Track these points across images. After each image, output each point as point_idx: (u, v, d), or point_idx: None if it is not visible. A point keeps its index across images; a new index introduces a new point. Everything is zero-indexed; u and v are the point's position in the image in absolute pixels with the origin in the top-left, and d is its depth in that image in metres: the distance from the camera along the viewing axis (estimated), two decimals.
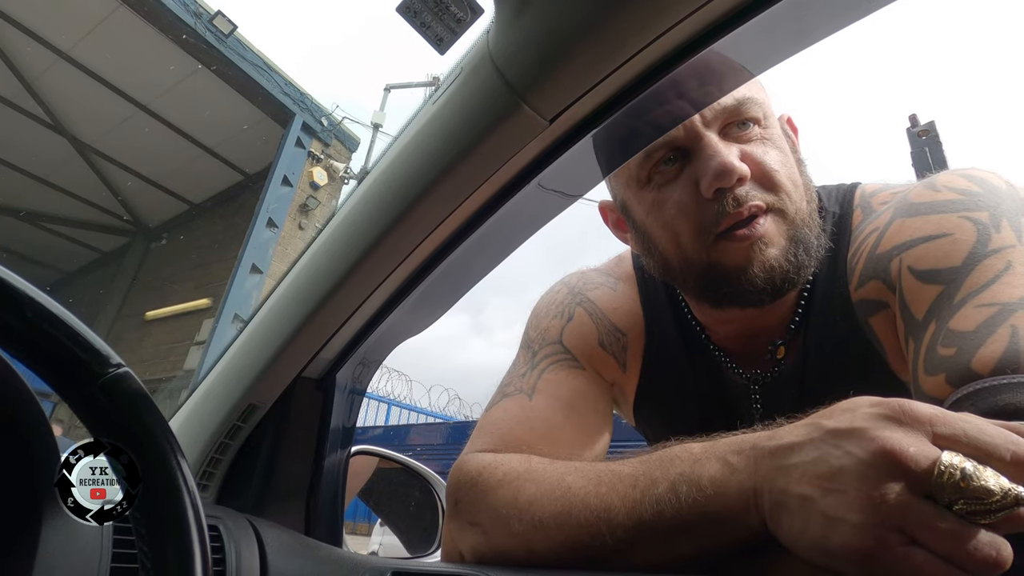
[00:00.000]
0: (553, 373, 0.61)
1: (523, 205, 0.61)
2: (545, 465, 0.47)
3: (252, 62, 6.24)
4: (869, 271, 0.53)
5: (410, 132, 0.55)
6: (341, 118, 7.08)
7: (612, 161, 0.55)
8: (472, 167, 0.51)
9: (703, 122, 0.53)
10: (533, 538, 0.42)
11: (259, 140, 6.95)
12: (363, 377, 0.87)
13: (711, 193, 0.52)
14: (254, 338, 0.69)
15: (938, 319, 0.43)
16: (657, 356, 0.65)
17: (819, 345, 0.57)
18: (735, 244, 0.52)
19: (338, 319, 0.67)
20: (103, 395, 0.34)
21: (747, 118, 0.54)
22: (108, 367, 0.35)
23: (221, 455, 0.71)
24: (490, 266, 0.73)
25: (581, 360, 0.63)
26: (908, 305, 0.48)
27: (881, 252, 0.52)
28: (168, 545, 0.33)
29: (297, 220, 6.58)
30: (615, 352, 0.65)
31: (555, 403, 0.59)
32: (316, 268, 0.65)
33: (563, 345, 0.64)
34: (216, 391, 0.69)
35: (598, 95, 0.50)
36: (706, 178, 0.52)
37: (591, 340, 0.65)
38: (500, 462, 0.50)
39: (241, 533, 0.61)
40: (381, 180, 0.58)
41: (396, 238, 0.58)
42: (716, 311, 0.60)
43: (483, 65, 0.47)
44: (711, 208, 0.53)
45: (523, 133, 0.49)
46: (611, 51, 0.46)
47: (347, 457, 0.81)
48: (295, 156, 6.62)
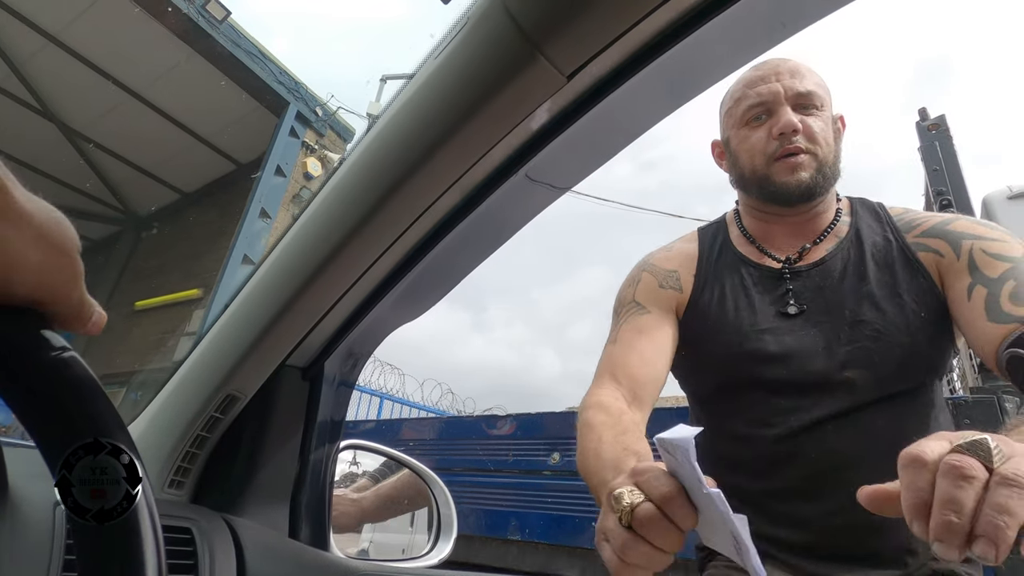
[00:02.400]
0: (628, 323, 0.87)
1: (515, 194, 0.56)
2: (603, 434, 0.66)
3: (246, 49, 6.12)
4: (938, 232, 0.81)
5: (409, 91, 0.50)
6: (336, 108, 6.98)
7: (729, 112, 0.92)
8: (480, 128, 0.45)
9: (784, 97, 0.85)
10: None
11: (252, 129, 6.84)
12: (353, 369, 0.81)
13: (776, 135, 0.83)
14: (234, 322, 0.63)
15: (1015, 280, 0.68)
16: (706, 265, 0.93)
17: (850, 251, 0.85)
18: (784, 164, 0.83)
19: (327, 301, 0.61)
20: (41, 382, 0.28)
21: (810, 103, 0.85)
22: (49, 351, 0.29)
23: (197, 449, 0.65)
24: (480, 257, 0.69)
25: (648, 306, 0.89)
26: (980, 267, 0.73)
27: (951, 229, 0.80)
28: (112, 559, 0.27)
29: (291, 211, 6.48)
30: (672, 285, 0.92)
31: (630, 338, 0.85)
32: (305, 244, 0.59)
33: (636, 301, 0.90)
34: (192, 379, 0.63)
35: (618, 51, 0.45)
36: (776, 127, 0.83)
37: (653, 286, 0.91)
38: (587, 412, 0.72)
39: (216, 535, 0.55)
40: (377, 145, 0.52)
41: (392, 210, 0.52)
42: (765, 215, 0.91)
43: (494, 10, 0.41)
44: (774, 144, 0.84)
45: (538, 89, 0.43)
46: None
47: (336, 452, 0.76)
48: (289, 146, 6.51)
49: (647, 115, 0.55)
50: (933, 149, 1.94)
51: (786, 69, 0.86)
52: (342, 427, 0.79)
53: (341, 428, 0.77)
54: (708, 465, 0.45)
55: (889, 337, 0.78)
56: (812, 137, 0.83)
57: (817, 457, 0.77)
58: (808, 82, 0.85)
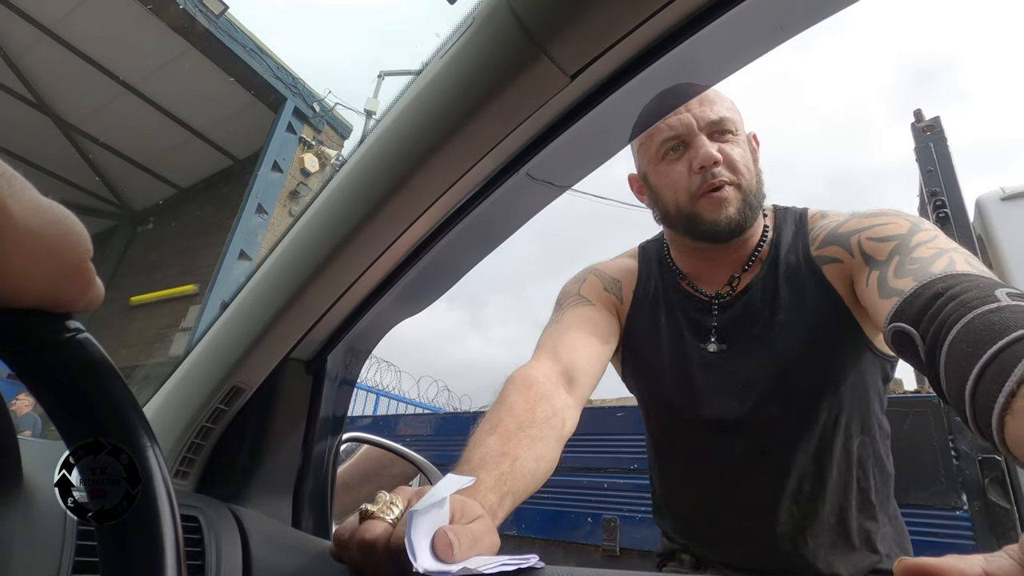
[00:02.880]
0: (573, 309, 0.89)
1: (529, 182, 0.57)
2: (504, 418, 0.64)
3: (243, 44, 6.10)
4: (831, 239, 0.80)
5: (414, 90, 0.50)
6: (334, 104, 6.96)
7: (643, 146, 0.88)
8: (484, 126, 0.46)
9: (698, 127, 0.82)
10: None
11: (249, 125, 6.81)
12: (354, 364, 0.82)
13: (697, 169, 0.81)
14: (239, 316, 0.64)
15: (900, 255, 0.65)
16: (644, 287, 0.95)
17: (767, 278, 0.84)
18: (709, 201, 0.81)
19: (331, 296, 0.62)
20: (58, 364, 0.29)
21: (725, 129, 0.83)
22: (65, 332, 0.30)
23: (202, 440, 0.66)
24: (481, 254, 0.70)
25: (593, 301, 0.91)
26: (870, 255, 0.71)
27: (842, 231, 0.79)
28: (133, 541, 0.28)
29: (287, 207, 6.47)
30: (615, 292, 0.94)
31: (575, 321, 0.86)
32: (308, 240, 0.60)
33: (580, 295, 0.92)
34: (197, 372, 0.64)
35: (622, 52, 0.46)
36: (696, 160, 0.81)
37: (598, 287, 0.94)
38: (510, 385, 0.70)
39: (223, 524, 0.56)
40: (381, 142, 0.53)
41: (397, 205, 0.53)
42: (693, 250, 0.89)
43: (499, 10, 0.42)
44: (696, 179, 0.82)
45: (542, 89, 0.44)
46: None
47: (338, 444, 0.77)
48: (286, 141, 6.49)
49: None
50: (928, 150, 1.96)
51: (699, 99, 0.83)
52: (344, 420, 0.80)
53: (343, 421, 0.79)
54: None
55: (802, 374, 0.79)
56: (733, 167, 0.81)
57: (730, 494, 0.84)
58: (720, 108, 0.83)
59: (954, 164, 1.94)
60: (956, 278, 0.53)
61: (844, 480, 0.80)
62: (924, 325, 0.52)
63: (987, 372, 0.41)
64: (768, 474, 0.81)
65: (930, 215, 1.90)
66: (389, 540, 0.40)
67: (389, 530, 0.41)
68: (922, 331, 0.52)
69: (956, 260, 0.58)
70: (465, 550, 0.40)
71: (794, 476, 0.79)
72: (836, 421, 0.79)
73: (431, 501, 0.40)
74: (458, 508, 0.44)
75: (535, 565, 0.42)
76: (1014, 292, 0.47)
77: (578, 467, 2.47)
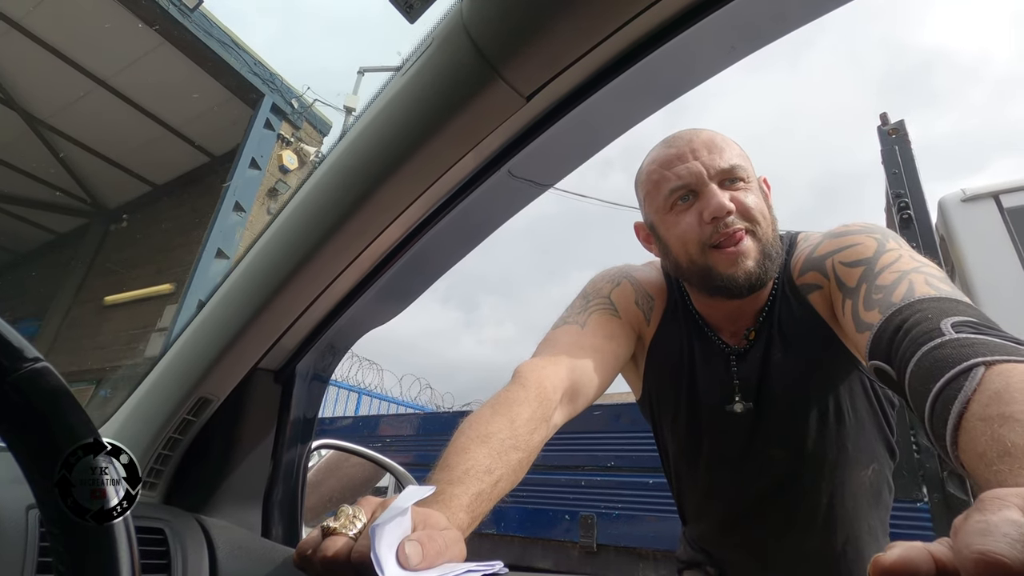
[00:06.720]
0: (599, 315, 0.85)
1: (496, 191, 0.58)
2: (502, 430, 0.61)
3: (219, 39, 5.99)
4: (809, 266, 0.80)
5: (376, 107, 0.51)
6: (312, 100, 6.87)
7: (649, 195, 0.84)
8: (443, 145, 0.47)
9: (708, 176, 0.78)
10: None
11: (226, 121, 6.70)
12: (327, 367, 0.82)
13: (709, 220, 0.76)
14: (207, 326, 0.64)
15: (866, 282, 0.67)
16: (671, 316, 0.90)
17: (779, 324, 0.82)
18: (725, 254, 0.76)
19: (298, 306, 0.63)
20: (16, 394, 0.30)
21: (735, 177, 0.78)
22: (23, 362, 0.31)
23: (170, 451, 0.66)
24: (460, 254, 0.71)
25: (620, 312, 0.87)
26: (843, 281, 0.72)
27: (816, 256, 0.79)
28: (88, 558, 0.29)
29: (266, 205, 6.38)
30: (644, 310, 0.90)
31: (598, 330, 0.82)
32: (276, 250, 0.61)
33: (610, 300, 0.88)
34: (164, 383, 0.64)
35: (576, 73, 0.47)
36: (707, 210, 0.76)
37: (630, 299, 0.89)
38: (514, 384, 0.68)
39: (189, 535, 0.57)
40: (346, 158, 0.54)
41: (361, 220, 0.54)
42: (710, 300, 0.84)
43: (456, 35, 0.44)
44: (708, 229, 0.77)
45: (498, 110, 0.45)
46: (592, 23, 0.43)
47: (308, 452, 0.77)
48: (264, 138, 6.39)
49: (609, 129, 0.58)
50: (893, 153, 2.02)
51: (701, 144, 0.79)
52: (314, 425, 0.80)
53: (313, 426, 0.79)
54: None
55: (813, 411, 0.80)
56: (748, 214, 0.77)
57: (751, 523, 0.88)
58: (729, 155, 0.79)
59: (918, 167, 2.00)
60: (912, 308, 0.56)
61: (858, 509, 0.83)
62: (894, 362, 0.56)
63: (936, 407, 0.46)
64: (787, 509, 0.84)
65: (895, 216, 1.96)
66: (350, 555, 0.41)
67: (350, 544, 0.41)
68: (894, 367, 0.56)
69: (915, 283, 0.60)
70: (432, 557, 0.40)
71: (807, 509, 0.82)
72: (845, 452, 0.81)
73: (393, 514, 0.41)
74: (421, 521, 0.45)
75: (499, 572, 0.43)
76: (958, 321, 0.51)
77: (556, 465, 2.50)
